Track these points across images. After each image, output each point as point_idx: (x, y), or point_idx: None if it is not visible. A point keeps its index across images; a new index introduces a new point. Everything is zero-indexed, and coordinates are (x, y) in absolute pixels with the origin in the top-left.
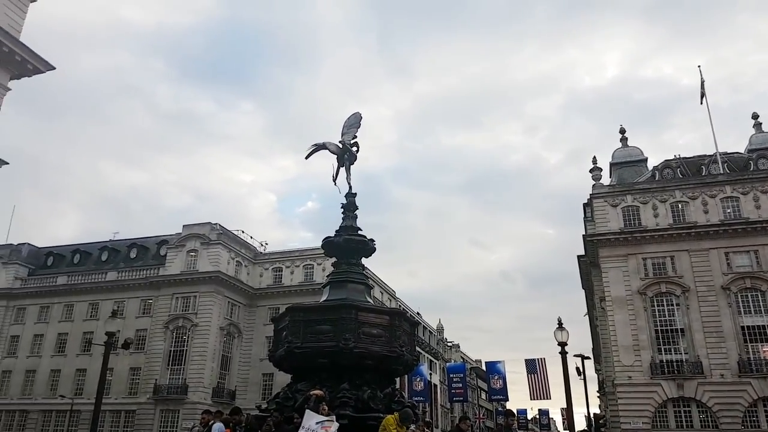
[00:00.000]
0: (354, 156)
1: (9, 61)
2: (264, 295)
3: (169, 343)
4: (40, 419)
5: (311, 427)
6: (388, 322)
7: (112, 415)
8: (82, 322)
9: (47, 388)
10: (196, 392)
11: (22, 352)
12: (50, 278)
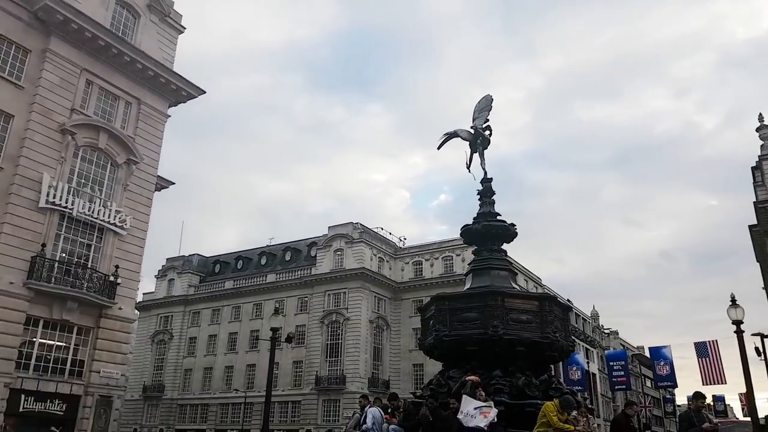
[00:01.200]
0: (487, 140)
1: (166, 90)
2: (407, 289)
3: (325, 337)
4: (219, 411)
5: (470, 412)
6: (538, 307)
7: (280, 405)
8: (248, 322)
9: (223, 383)
10: (353, 382)
11: (200, 352)
12: (218, 284)
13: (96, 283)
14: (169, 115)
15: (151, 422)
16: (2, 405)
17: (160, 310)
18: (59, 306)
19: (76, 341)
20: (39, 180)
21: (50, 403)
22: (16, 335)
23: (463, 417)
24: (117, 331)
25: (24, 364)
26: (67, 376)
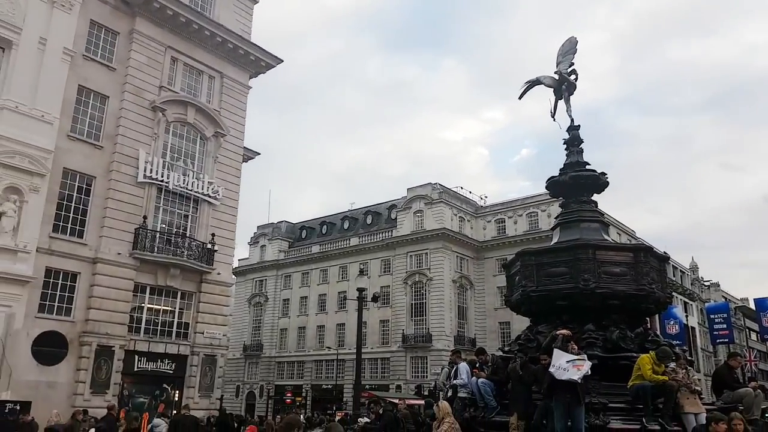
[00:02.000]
0: (573, 85)
1: (246, 61)
2: (489, 248)
3: (409, 297)
4: (313, 367)
5: (562, 365)
6: (632, 259)
7: (370, 362)
8: (335, 284)
9: (316, 341)
10: (439, 340)
11: (293, 313)
12: (306, 248)
13: (195, 251)
14: (251, 87)
15: (252, 379)
16: (119, 365)
17: (255, 275)
18: (163, 273)
19: (181, 305)
20: (136, 156)
21: (161, 362)
22: (126, 302)
23: (554, 370)
24: (217, 295)
25: (135, 327)
26: (174, 337)
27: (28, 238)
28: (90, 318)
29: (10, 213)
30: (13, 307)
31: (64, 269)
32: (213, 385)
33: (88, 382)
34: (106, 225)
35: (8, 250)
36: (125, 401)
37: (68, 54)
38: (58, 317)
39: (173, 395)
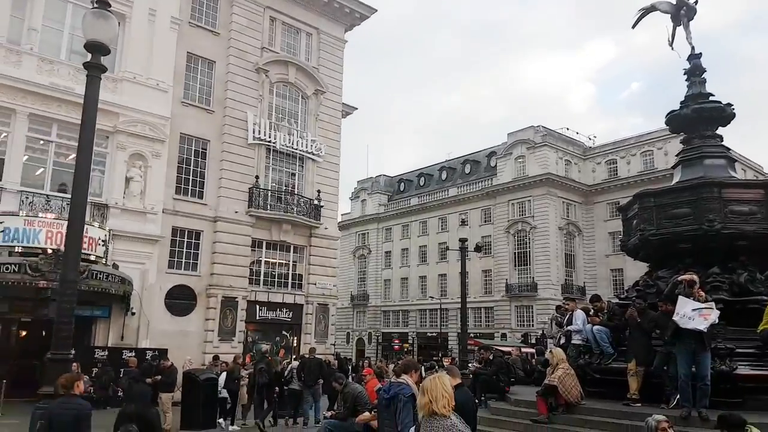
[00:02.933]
0: (693, 9)
1: (340, 14)
2: (599, 191)
3: (512, 246)
4: (417, 316)
5: (687, 314)
6: (763, 196)
7: (473, 311)
8: (435, 235)
9: (418, 291)
10: (545, 289)
11: (395, 264)
12: (405, 201)
13: (303, 207)
14: (346, 41)
15: (360, 327)
16: (242, 315)
17: (357, 228)
18: (276, 229)
19: (294, 258)
20: (244, 119)
21: (279, 311)
22: (245, 256)
23: (679, 318)
24: (325, 248)
25: (255, 279)
26: (290, 288)
27: (155, 201)
28: (214, 272)
29: (137, 178)
30: (146, 264)
31: (188, 228)
32: (327, 331)
33: (216, 331)
34: (222, 186)
35: (138, 212)
36: (249, 347)
37: (175, 23)
38: (186, 272)
39: (292, 341)
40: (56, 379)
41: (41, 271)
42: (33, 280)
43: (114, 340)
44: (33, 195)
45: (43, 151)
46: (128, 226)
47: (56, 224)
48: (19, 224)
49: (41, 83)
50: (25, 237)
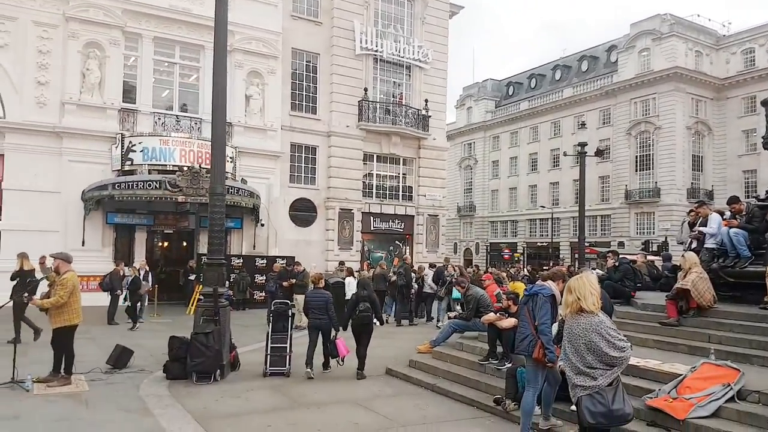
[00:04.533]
0: None
1: None
2: (734, 85)
3: (633, 149)
4: (526, 226)
5: None
6: None
7: (589, 219)
8: (547, 141)
9: (528, 200)
10: (669, 194)
11: (503, 174)
12: (513, 106)
13: (411, 118)
14: None
15: (468, 237)
16: (358, 225)
17: (463, 138)
18: (386, 141)
19: (403, 170)
20: (351, 29)
21: (392, 222)
22: (358, 169)
23: None
24: (433, 159)
25: (368, 192)
26: (401, 200)
27: (273, 118)
28: (331, 185)
29: (255, 96)
30: (270, 179)
31: (305, 143)
32: (438, 241)
33: (335, 240)
34: (333, 100)
35: (259, 129)
36: (366, 255)
37: None
38: (306, 186)
39: (405, 250)
40: (213, 280)
41: (179, 187)
42: (172, 195)
43: (247, 248)
44: (164, 116)
45: (168, 73)
46: (251, 143)
47: (188, 142)
48: (156, 144)
49: (161, 5)
50: (162, 155)
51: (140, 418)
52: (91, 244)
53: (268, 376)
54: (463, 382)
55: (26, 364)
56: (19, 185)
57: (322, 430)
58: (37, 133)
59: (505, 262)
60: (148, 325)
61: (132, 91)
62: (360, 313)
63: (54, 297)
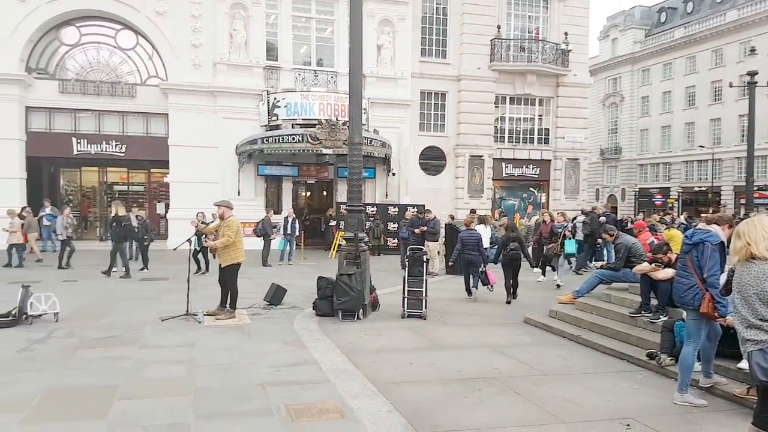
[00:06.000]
0: None
1: None
2: None
3: None
4: (681, 169)
5: None
6: None
7: (758, 160)
8: (707, 72)
9: (683, 140)
10: None
11: (654, 111)
12: (667, 34)
13: (549, 54)
14: None
15: (612, 182)
16: (489, 172)
17: (607, 73)
18: (520, 81)
19: (539, 111)
20: None
21: (525, 168)
22: (489, 113)
23: None
24: (574, 98)
25: (500, 137)
26: (536, 143)
27: (403, 66)
28: (460, 132)
29: (386, 45)
30: (400, 128)
31: (434, 90)
32: (578, 187)
33: (465, 188)
34: (464, 42)
35: (390, 78)
36: (497, 203)
37: None
38: (435, 134)
39: (540, 197)
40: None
41: (319, 139)
42: (313, 147)
43: (380, 197)
44: (303, 71)
45: (305, 29)
46: (382, 93)
47: (325, 96)
48: (297, 99)
49: None
50: (303, 110)
51: (296, 350)
52: (245, 193)
53: (405, 318)
54: (610, 335)
55: (197, 300)
56: (182, 141)
57: (462, 371)
58: (195, 92)
59: (657, 208)
60: (297, 267)
61: (274, 49)
62: (510, 252)
63: (223, 237)
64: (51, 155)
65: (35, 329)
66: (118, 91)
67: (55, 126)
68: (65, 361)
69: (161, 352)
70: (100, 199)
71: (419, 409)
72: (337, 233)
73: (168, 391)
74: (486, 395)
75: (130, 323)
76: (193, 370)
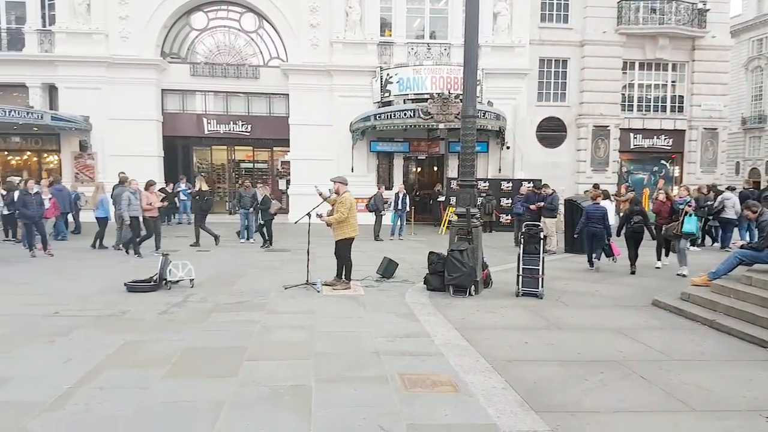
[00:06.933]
0: None
1: None
2: None
3: None
4: None
5: None
6: None
7: None
8: None
9: None
10: None
11: None
12: None
13: (683, 15)
14: None
15: (755, 155)
16: (615, 144)
17: (752, 33)
18: (651, 45)
19: (672, 77)
20: None
21: (656, 138)
22: (616, 80)
23: None
24: (712, 62)
25: (627, 105)
26: (668, 112)
27: (521, 33)
28: (583, 101)
29: (503, 12)
30: (516, 99)
31: (554, 57)
32: (716, 159)
33: (588, 161)
34: (588, 5)
35: (506, 47)
36: (624, 178)
37: None
38: (554, 103)
39: (672, 171)
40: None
41: (431, 114)
42: (425, 122)
43: (492, 172)
44: (416, 45)
45: (419, 2)
46: (498, 63)
47: (437, 69)
48: (409, 74)
49: None
50: (415, 84)
51: (408, 322)
52: (358, 170)
53: (520, 296)
54: (750, 320)
55: (315, 270)
56: (301, 120)
57: (582, 353)
58: (312, 72)
59: None
60: (407, 242)
61: (387, 25)
62: (633, 225)
63: (336, 214)
64: (184, 134)
65: (173, 294)
66: (243, 73)
67: (187, 107)
68: (200, 324)
69: (284, 318)
70: (229, 175)
71: (536, 388)
72: (448, 209)
73: (291, 354)
74: (609, 378)
75: (257, 290)
76: (313, 335)
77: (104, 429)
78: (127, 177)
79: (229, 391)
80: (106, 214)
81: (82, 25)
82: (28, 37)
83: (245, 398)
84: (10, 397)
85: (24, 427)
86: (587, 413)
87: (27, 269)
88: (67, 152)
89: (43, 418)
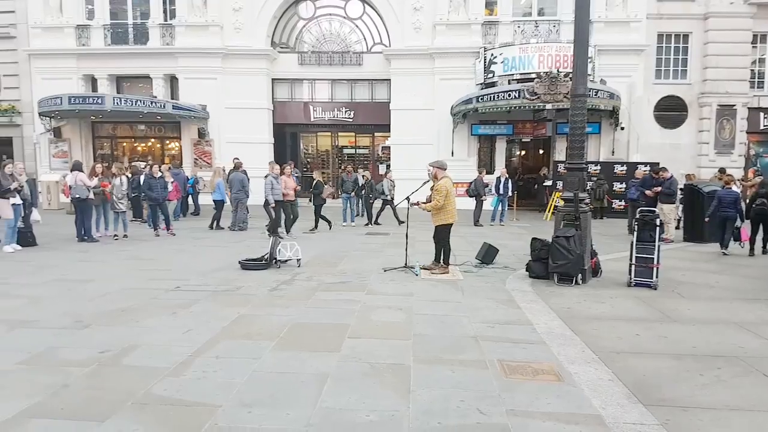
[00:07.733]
0: None
1: None
2: None
3: None
4: None
5: None
6: None
7: None
8: None
9: None
10: None
11: None
12: None
13: None
14: None
15: None
16: (742, 124)
17: None
18: None
19: None
20: None
21: None
22: (745, 55)
23: None
24: None
25: (757, 83)
26: None
27: (637, 7)
28: (707, 78)
29: None
30: (632, 76)
31: (674, 32)
32: None
33: (711, 143)
34: None
35: (620, 22)
36: (752, 161)
37: None
38: (673, 81)
39: None
40: (573, 185)
41: (537, 94)
42: (531, 103)
43: (605, 155)
44: (523, 23)
45: None
46: (611, 39)
47: (546, 47)
48: (515, 53)
49: None
50: (521, 64)
51: (508, 309)
52: (459, 154)
53: (632, 287)
54: None
55: (414, 254)
56: (402, 105)
57: (698, 347)
58: (415, 56)
59: None
60: (509, 228)
61: (492, 4)
62: (757, 207)
63: (433, 201)
64: (292, 122)
65: (282, 272)
66: (347, 60)
67: (295, 95)
68: (306, 301)
69: (384, 299)
70: (332, 161)
71: (645, 381)
72: (554, 194)
73: (390, 334)
74: (726, 374)
75: (358, 271)
76: (412, 317)
77: (220, 394)
78: (241, 163)
79: (332, 365)
80: (222, 197)
81: (199, 18)
82: (152, 31)
83: (347, 373)
84: (139, 363)
85: (150, 389)
86: (701, 409)
87: (151, 247)
88: (187, 139)
89: (165, 382)
